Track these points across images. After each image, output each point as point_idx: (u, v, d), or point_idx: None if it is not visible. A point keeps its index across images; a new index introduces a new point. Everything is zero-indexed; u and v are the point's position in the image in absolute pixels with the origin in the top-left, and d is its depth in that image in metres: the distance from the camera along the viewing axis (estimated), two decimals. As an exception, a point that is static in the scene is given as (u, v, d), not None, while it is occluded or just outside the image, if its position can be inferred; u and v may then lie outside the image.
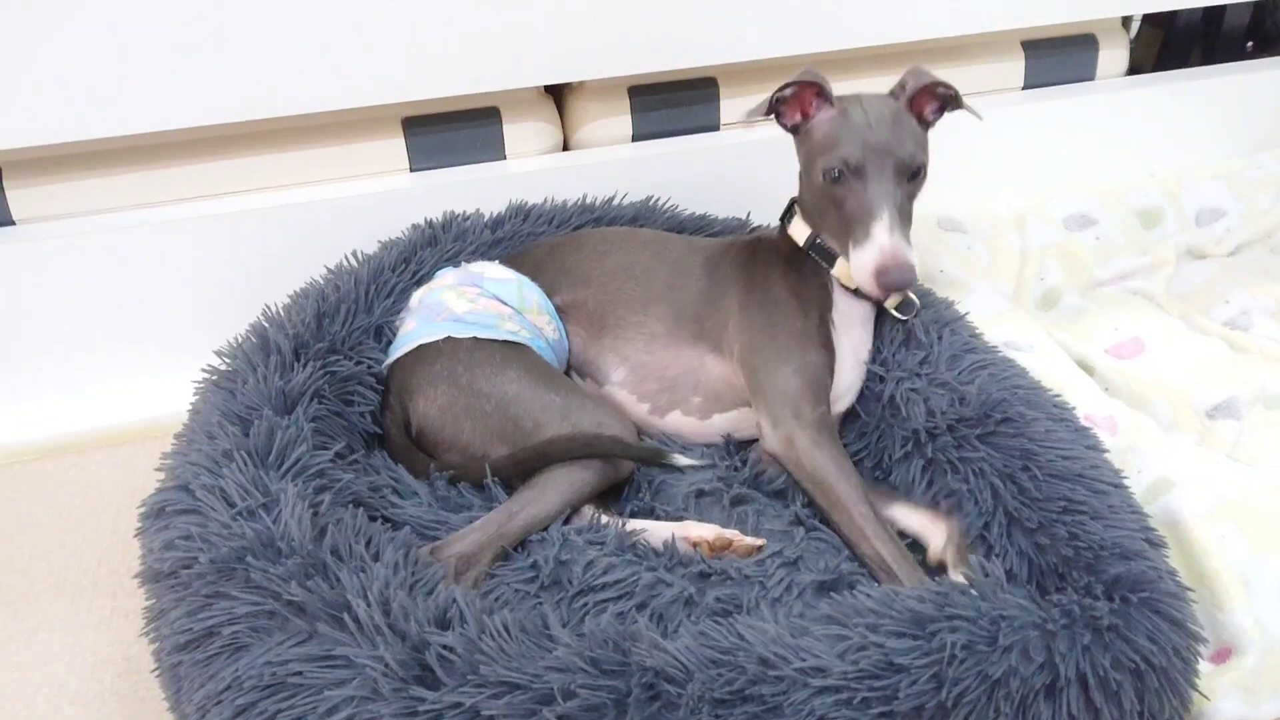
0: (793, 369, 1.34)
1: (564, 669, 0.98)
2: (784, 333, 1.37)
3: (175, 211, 1.69)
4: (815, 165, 1.36)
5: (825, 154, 1.34)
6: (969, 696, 0.98)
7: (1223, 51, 2.23)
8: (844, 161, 1.31)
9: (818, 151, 1.36)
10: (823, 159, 1.34)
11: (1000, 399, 1.30)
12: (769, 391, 1.34)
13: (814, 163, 1.36)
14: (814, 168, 1.36)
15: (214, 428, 1.23)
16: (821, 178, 1.34)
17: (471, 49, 1.67)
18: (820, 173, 1.34)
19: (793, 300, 1.39)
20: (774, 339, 1.36)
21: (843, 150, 1.32)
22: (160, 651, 1.11)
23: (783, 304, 1.39)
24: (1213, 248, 1.93)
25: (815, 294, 1.40)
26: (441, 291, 1.42)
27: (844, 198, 1.32)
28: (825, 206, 1.35)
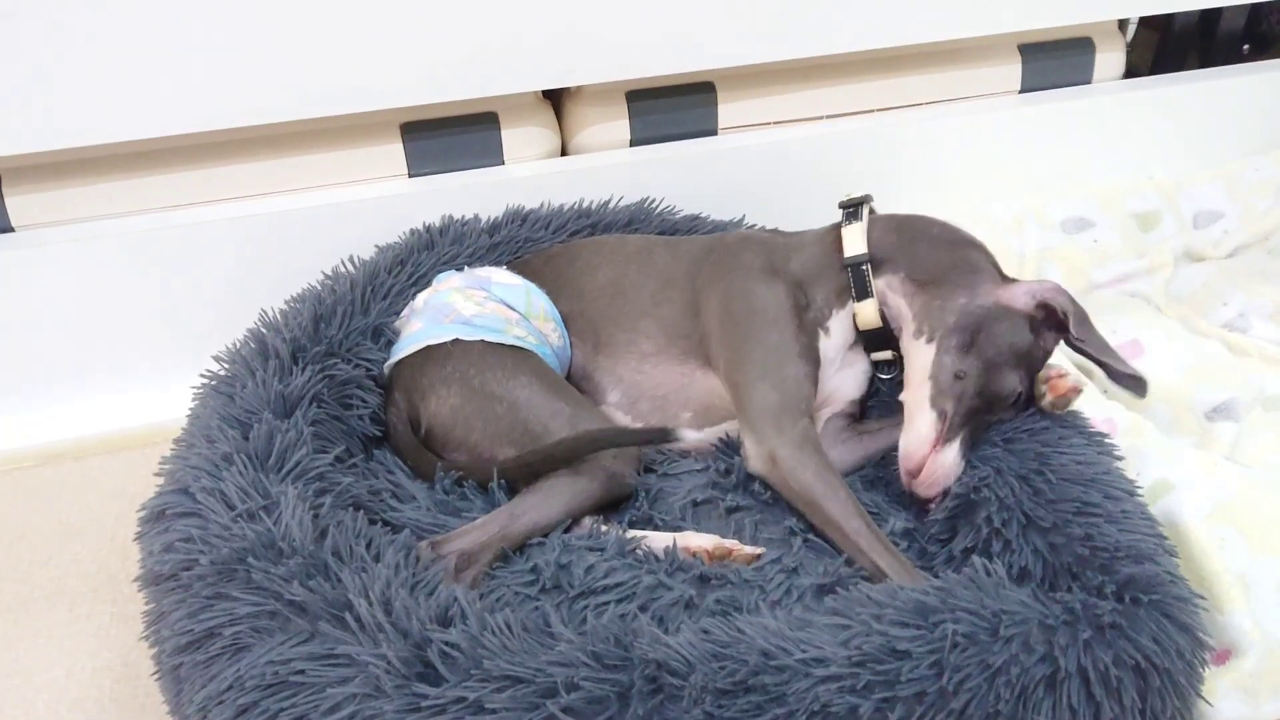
0: (770, 384, 1.31)
1: (566, 663, 0.98)
2: (760, 346, 1.33)
3: (173, 217, 1.69)
4: (1017, 372, 1.27)
5: (1030, 376, 1.28)
6: (970, 684, 0.98)
7: (1219, 54, 2.24)
8: (1026, 402, 1.28)
9: (1031, 362, 1.28)
10: (1027, 375, 1.28)
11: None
12: (748, 409, 1.31)
13: (1019, 358, 1.27)
14: (1012, 370, 1.26)
15: (213, 431, 1.22)
16: (1007, 377, 1.26)
17: (470, 54, 1.67)
18: (1012, 376, 1.26)
19: (771, 310, 1.35)
20: (751, 354, 1.33)
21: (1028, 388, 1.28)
22: (160, 654, 1.10)
23: (760, 314, 1.35)
24: (1211, 250, 1.93)
25: (799, 302, 1.36)
26: (449, 294, 1.42)
27: (994, 408, 1.27)
28: (978, 384, 1.26)
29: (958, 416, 1.25)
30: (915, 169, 1.95)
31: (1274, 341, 1.67)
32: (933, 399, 1.27)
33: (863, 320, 1.37)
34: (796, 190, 1.87)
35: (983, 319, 1.28)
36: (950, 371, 1.27)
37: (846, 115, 1.96)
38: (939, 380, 1.27)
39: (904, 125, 1.95)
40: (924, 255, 1.35)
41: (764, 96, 1.92)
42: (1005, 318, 1.27)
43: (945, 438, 1.25)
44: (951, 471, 1.25)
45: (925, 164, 1.96)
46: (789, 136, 1.89)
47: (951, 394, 1.26)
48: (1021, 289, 1.29)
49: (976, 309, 1.28)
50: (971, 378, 1.26)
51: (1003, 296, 1.29)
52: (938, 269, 1.33)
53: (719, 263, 1.43)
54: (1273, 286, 1.79)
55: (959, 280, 1.31)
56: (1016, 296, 1.28)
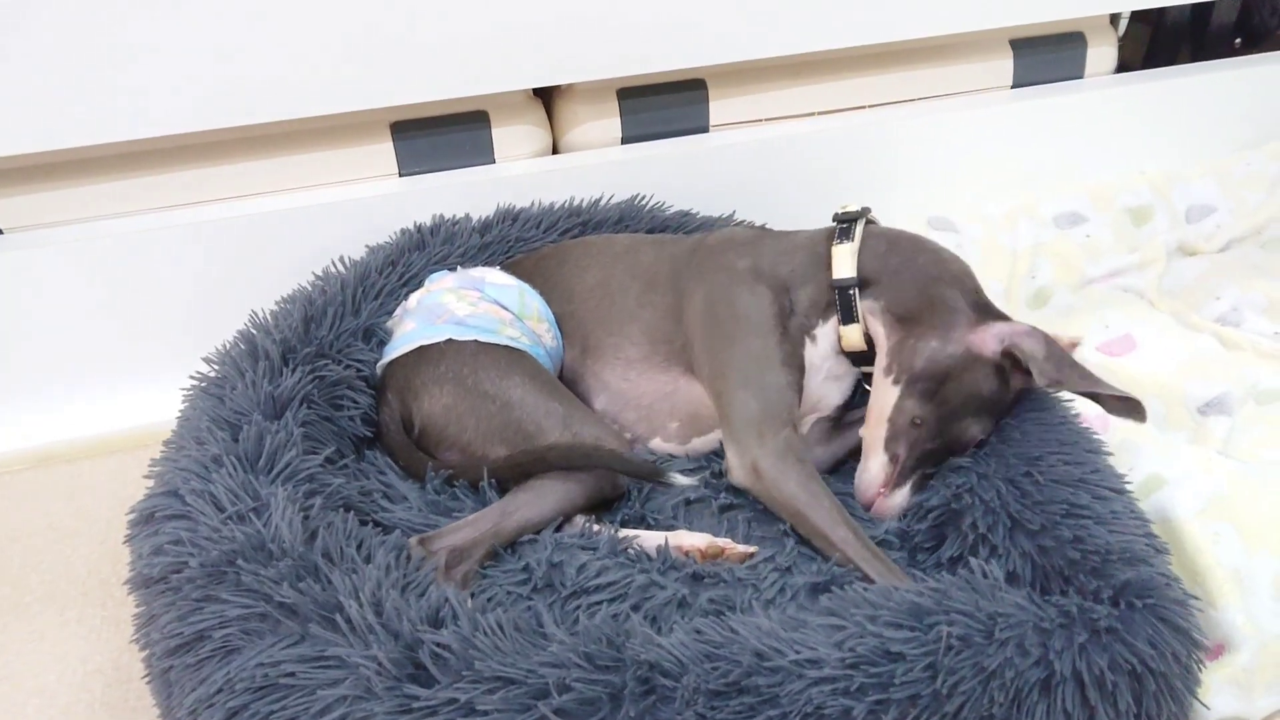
0: (751, 392, 1.30)
1: (558, 664, 0.98)
2: (742, 353, 1.32)
3: (163, 219, 1.68)
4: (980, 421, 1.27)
5: (994, 420, 1.28)
6: (964, 686, 0.98)
7: (1211, 48, 2.24)
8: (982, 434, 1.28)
9: (996, 407, 1.28)
10: (990, 421, 1.27)
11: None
12: (731, 418, 1.30)
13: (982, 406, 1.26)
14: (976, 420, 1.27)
15: (203, 433, 1.22)
16: (968, 425, 1.26)
17: (460, 52, 1.66)
18: (973, 424, 1.26)
19: (754, 316, 1.34)
20: (732, 361, 1.32)
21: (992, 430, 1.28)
22: (151, 657, 1.10)
23: (742, 320, 1.34)
24: (1203, 244, 1.93)
25: (782, 309, 1.35)
26: (442, 294, 1.42)
27: (950, 452, 1.28)
28: (932, 431, 1.26)
29: (910, 460, 1.26)
30: (907, 165, 1.95)
31: (1267, 335, 1.67)
32: (887, 442, 1.27)
33: (847, 343, 1.35)
34: (788, 187, 1.86)
35: (950, 367, 1.26)
36: (908, 417, 1.26)
37: (838, 112, 1.96)
38: (896, 424, 1.27)
39: (895, 121, 1.94)
40: (904, 289, 1.32)
41: (755, 93, 1.91)
42: (973, 366, 1.26)
43: (895, 482, 1.27)
44: (900, 508, 1.27)
45: (917, 160, 1.95)
46: (780, 133, 1.89)
47: (905, 439, 1.26)
48: (992, 334, 1.26)
49: (945, 357, 1.26)
50: (928, 425, 1.26)
51: (973, 343, 1.26)
52: (915, 306, 1.30)
53: (701, 265, 1.41)
54: (1265, 280, 1.79)
55: (933, 321, 1.29)
56: (986, 342, 1.26)
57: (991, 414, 1.27)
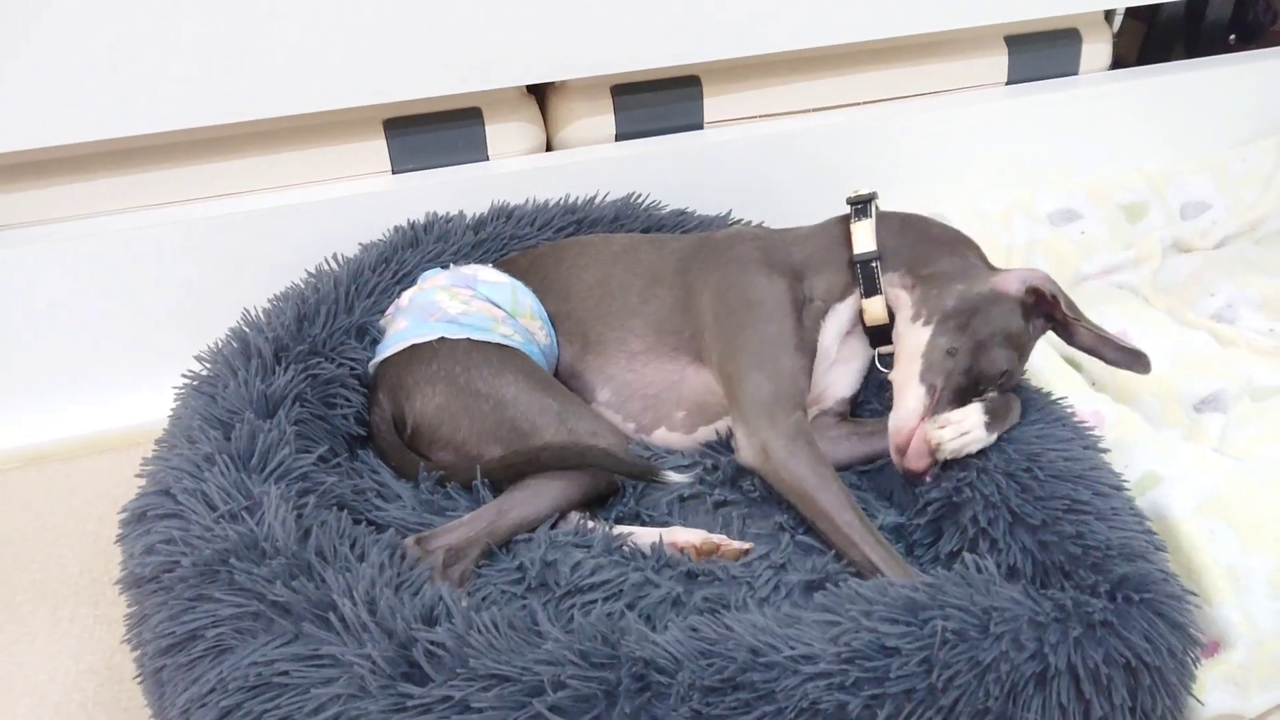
0: (765, 374, 1.30)
1: (553, 662, 0.98)
2: (756, 337, 1.33)
3: (155, 216, 1.67)
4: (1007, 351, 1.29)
5: (1020, 356, 1.31)
6: (959, 680, 0.98)
7: (1205, 45, 2.24)
8: (1014, 381, 1.32)
9: (1021, 343, 1.31)
10: (1016, 355, 1.30)
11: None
12: (741, 400, 1.31)
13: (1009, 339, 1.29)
14: (1004, 349, 1.29)
15: (195, 432, 1.22)
16: (996, 355, 1.28)
17: (453, 49, 1.66)
18: (1001, 355, 1.28)
19: (769, 301, 1.35)
20: (746, 344, 1.33)
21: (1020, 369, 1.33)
22: (143, 657, 1.10)
23: (756, 306, 1.35)
24: (1198, 241, 1.93)
25: (796, 295, 1.36)
26: (434, 292, 1.41)
27: (981, 385, 1.28)
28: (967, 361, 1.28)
29: (946, 391, 1.27)
30: (902, 162, 1.94)
31: (1262, 332, 1.67)
32: (922, 374, 1.28)
33: (870, 316, 1.37)
34: (783, 184, 1.86)
35: (978, 303, 1.31)
36: (942, 349, 1.29)
37: (833, 108, 1.95)
38: (930, 357, 1.29)
39: (890, 118, 1.94)
40: (926, 251, 1.38)
41: (750, 90, 1.91)
42: (999, 302, 1.31)
43: (934, 410, 1.26)
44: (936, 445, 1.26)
45: (912, 157, 1.95)
46: (775, 130, 1.89)
47: (941, 369, 1.28)
48: (1014, 275, 1.33)
49: (974, 294, 1.32)
50: (962, 354, 1.28)
51: (998, 284, 1.33)
52: (938, 263, 1.36)
53: (711, 257, 1.42)
54: (1260, 277, 1.79)
55: (957, 272, 1.35)
56: (1009, 282, 1.32)
57: (1017, 348, 1.31)
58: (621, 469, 1.30)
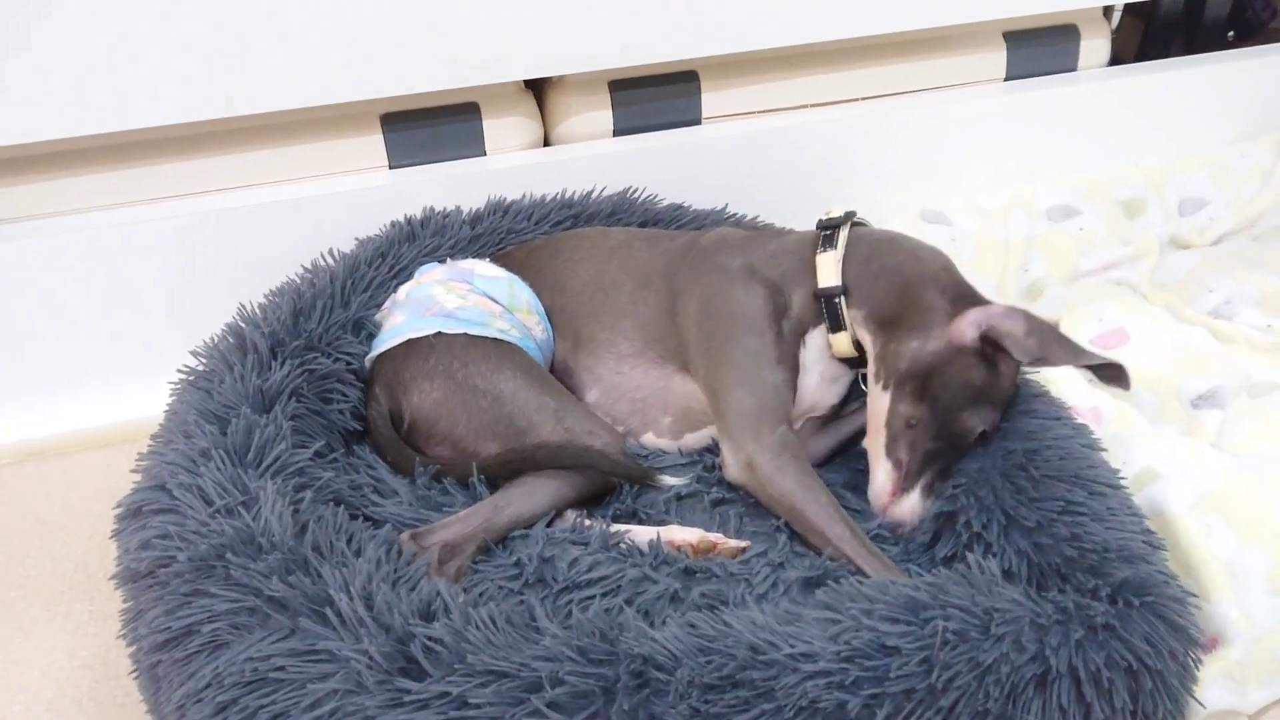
0: (748, 389, 1.29)
1: (551, 658, 0.97)
2: (738, 351, 1.31)
3: (151, 211, 1.67)
4: (974, 412, 1.24)
5: (995, 407, 1.26)
6: (959, 681, 0.98)
7: (1204, 41, 2.23)
8: (996, 429, 1.26)
9: (992, 394, 1.25)
10: (990, 410, 1.25)
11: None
12: (726, 415, 1.30)
13: (975, 396, 1.24)
14: (969, 412, 1.24)
15: (191, 427, 1.21)
16: (965, 418, 1.24)
17: (451, 44, 1.65)
18: (971, 416, 1.24)
19: (749, 315, 1.32)
20: (728, 358, 1.31)
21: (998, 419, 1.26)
22: (138, 652, 1.09)
23: (738, 319, 1.32)
24: (1196, 237, 1.93)
25: (778, 307, 1.34)
26: (431, 286, 1.41)
27: (955, 451, 1.25)
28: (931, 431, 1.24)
29: (914, 463, 1.24)
30: (900, 158, 1.94)
31: (1260, 328, 1.67)
32: (888, 448, 1.26)
33: (837, 350, 1.34)
34: (781, 179, 1.85)
35: (933, 363, 1.24)
36: (903, 419, 1.25)
37: (831, 104, 1.95)
38: (893, 428, 1.26)
39: (889, 114, 1.93)
40: (883, 294, 1.31)
41: (748, 85, 1.90)
42: (955, 358, 1.24)
43: (903, 486, 1.25)
44: (915, 514, 1.24)
45: (910, 153, 1.95)
46: (773, 126, 1.88)
47: (905, 441, 1.25)
48: (968, 321, 1.24)
49: (927, 354, 1.25)
50: (925, 424, 1.24)
51: (952, 335, 1.24)
52: (894, 310, 1.29)
53: (695, 265, 1.40)
54: (1258, 273, 1.79)
55: (912, 321, 1.27)
56: (964, 331, 1.24)
57: (989, 403, 1.25)
58: (618, 471, 1.29)
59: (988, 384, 1.25)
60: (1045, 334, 1.21)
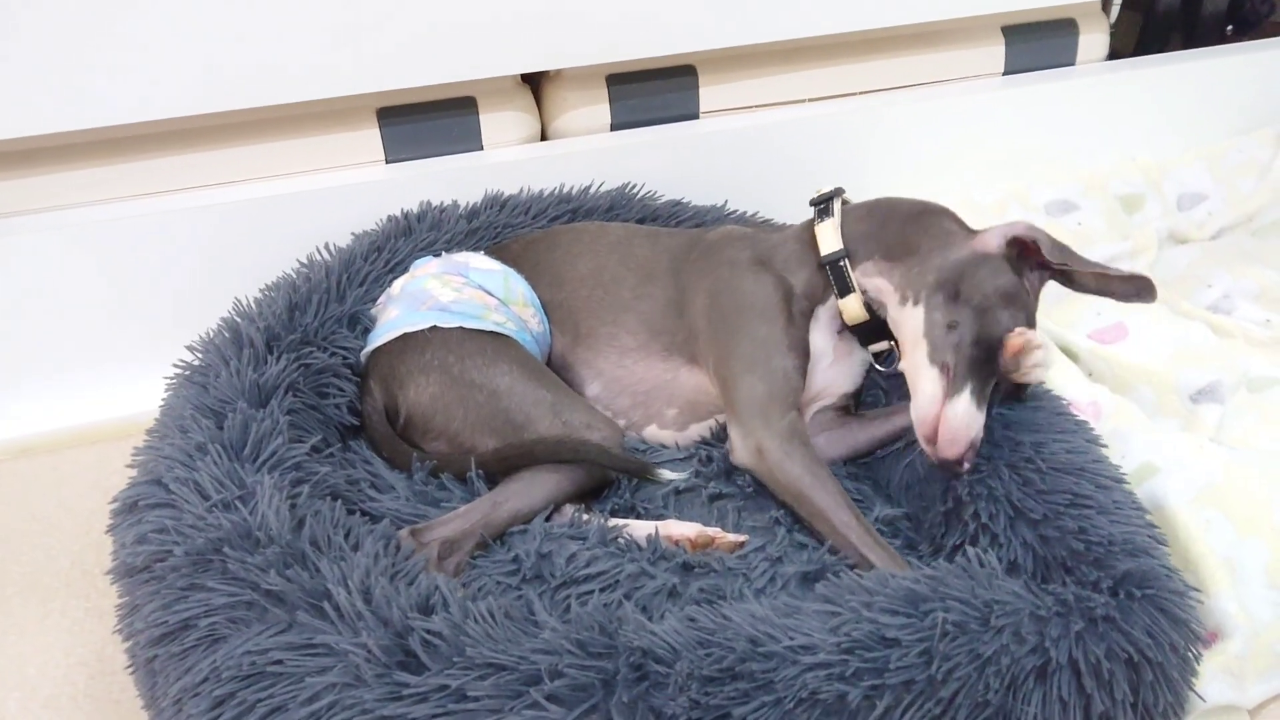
0: (758, 375, 1.29)
1: (551, 651, 0.97)
2: (748, 339, 1.32)
3: (146, 205, 1.66)
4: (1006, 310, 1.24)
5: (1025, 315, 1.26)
6: (959, 673, 0.98)
7: (1202, 36, 2.24)
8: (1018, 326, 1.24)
9: (1021, 301, 1.25)
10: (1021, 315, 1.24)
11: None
12: (736, 401, 1.30)
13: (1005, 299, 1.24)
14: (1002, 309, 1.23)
15: (187, 421, 1.21)
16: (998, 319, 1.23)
17: (448, 37, 1.65)
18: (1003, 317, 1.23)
19: (759, 303, 1.33)
20: (739, 346, 1.32)
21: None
22: (134, 648, 1.09)
23: (748, 309, 1.33)
24: (1194, 232, 1.93)
25: (787, 294, 1.35)
26: (426, 279, 1.40)
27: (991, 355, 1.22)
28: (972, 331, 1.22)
29: (960, 365, 1.22)
30: (898, 152, 1.94)
31: (1258, 323, 1.67)
32: (930, 356, 1.24)
33: (849, 315, 1.35)
34: (779, 174, 1.85)
35: (962, 269, 1.27)
36: (943, 324, 1.24)
37: (829, 98, 1.95)
38: (933, 336, 1.25)
39: (887, 108, 1.93)
40: (895, 232, 1.34)
41: (746, 80, 1.90)
42: (984, 263, 1.27)
43: (953, 389, 1.21)
44: (969, 422, 1.19)
45: (908, 147, 1.95)
46: (771, 120, 1.88)
47: (949, 345, 1.23)
48: (994, 232, 1.29)
49: (954, 262, 1.27)
50: (965, 325, 1.23)
51: (977, 245, 1.29)
52: (911, 240, 1.32)
53: (703, 259, 1.41)
54: (1257, 268, 1.79)
55: (932, 244, 1.30)
56: (989, 241, 1.28)
57: (1020, 307, 1.25)
58: (616, 466, 1.29)
59: (1016, 289, 1.26)
60: (1065, 247, 1.28)
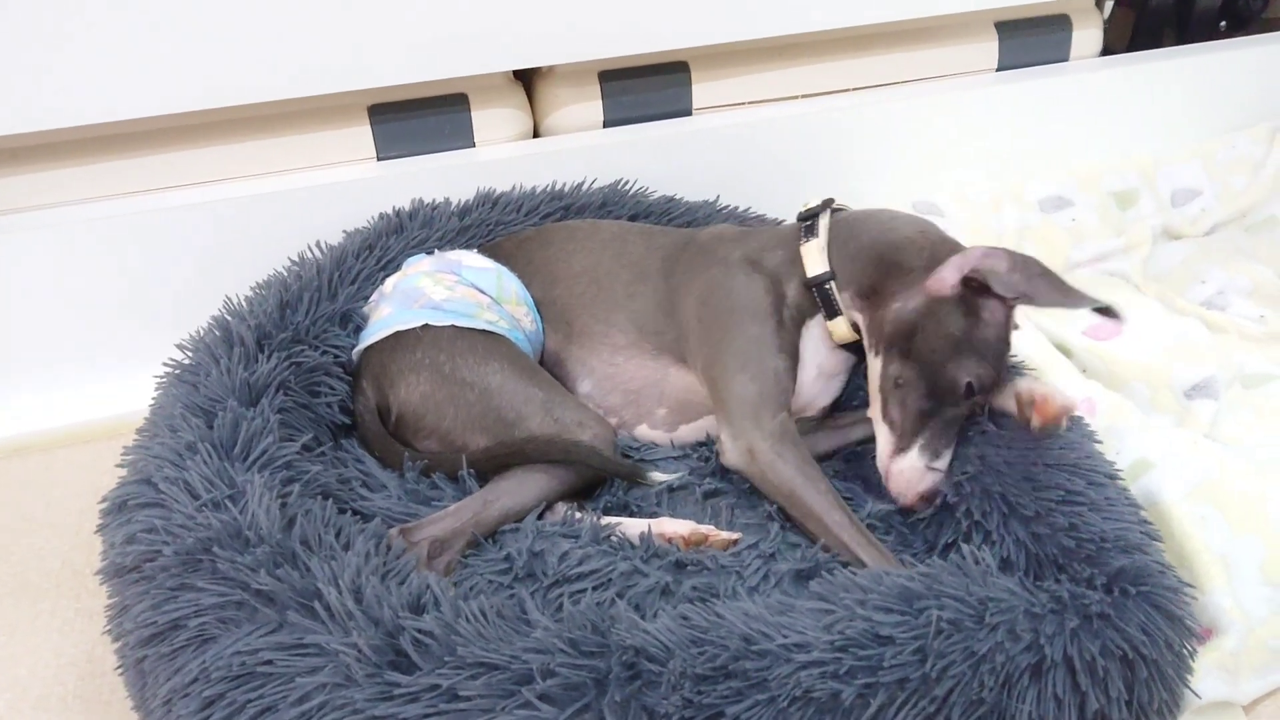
0: (749, 375, 1.29)
1: (543, 650, 0.96)
2: (740, 339, 1.31)
3: (135, 203, 1.65)
4: (959, 361, 1.21)
5: (981, 358, 1.22)
6: (954, 670, 0.97)
7: (1196, 31, 2.24)
8: (990, 383, 1.23)
9: (976, 344, 1.22)
10: (975, 361, 1.21)
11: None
12: (727, 401, 1.29)
13: (957, 347, 1.21)
14: (955, 362, 1.21)
15: (176, 420, 1.20)
16: (949, 371, 1.21)
17: (439, 33, 1.64)
18: (955, 369, 1.21)
19: (751, 304, 1.33)
20: (730, 347, 1.31)
21: (994, 369, 1.23)
22: (124, 648, 1.08)
23: (739, 309, 1.33)
24: (1188, 228, 1.93)
25: (778, 297, 1.34)
26: (418, 278, 1.40)
27: (947, 404, 1.22)
28: (921, 387, 1.22)
29: (907, 422, 1.23)
30: (892, 148, 1.93)
31: (1252, 319, 1.67)
32: (882, 411, 1.26)
33: (837, 336, 1.34)
34: (772, 170, 1.85)
35: (914, 320, 1.24)
36: (891, 380, 1.25)
37: (822, 95, 1.94)
38: (885, 391, 1.26)
39: (880, 104, 1.93)
40: (863, 269, 1.31)
41: (739, 76, 1.90)
42: (935, 311, 1.23)
43: (899, 447, 1.24)
44: (912, 478, 1.22)
45: (902, 143, 1.94)
46: (764, 116, 1.88)
47: (895, 401, 1.24)
48: (948, 269, 1.22)
49: (908, 314, 1.25)
50: (912, 382, 1.23)
51: (931, 288, 1.23)
52: (874, 282, 1.29)
53: (695, 258, 1.41)
54: (1250, 264, 1.79)
55: (894, 287, 1.27)
56: (944, 281, 1.22)
57: (973, 353, 1.22)
58: (607, 468, 1.28)
59: (969, 332, 1.22)
60: (1030, 269, 1.20)
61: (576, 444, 1.26)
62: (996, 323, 1.24)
